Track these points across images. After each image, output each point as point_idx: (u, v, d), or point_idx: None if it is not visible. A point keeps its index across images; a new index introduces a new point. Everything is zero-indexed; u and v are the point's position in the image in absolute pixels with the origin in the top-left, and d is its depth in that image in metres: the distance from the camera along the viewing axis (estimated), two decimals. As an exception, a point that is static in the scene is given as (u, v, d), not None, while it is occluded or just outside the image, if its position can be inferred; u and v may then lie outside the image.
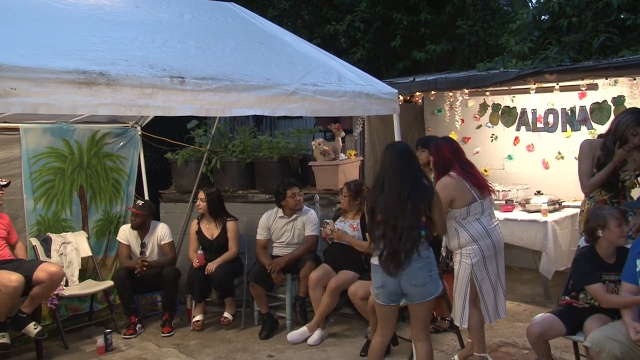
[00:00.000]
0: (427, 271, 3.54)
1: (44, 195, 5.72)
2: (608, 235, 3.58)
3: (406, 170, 3.57)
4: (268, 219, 5.60)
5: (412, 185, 3.54)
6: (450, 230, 4.10)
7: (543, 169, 6.89)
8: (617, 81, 6.07)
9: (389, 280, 3.56)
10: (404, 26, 9.33)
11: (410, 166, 3.60)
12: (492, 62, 7.35)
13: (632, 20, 6.65)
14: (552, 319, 3.72)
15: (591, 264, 3.66)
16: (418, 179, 3.60)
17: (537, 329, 3.68)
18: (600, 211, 3.72)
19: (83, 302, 5.93)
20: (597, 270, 3.63)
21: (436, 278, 3.60)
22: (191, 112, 3.24)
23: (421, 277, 3.51)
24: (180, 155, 6.59)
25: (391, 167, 3.60)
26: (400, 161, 3.59)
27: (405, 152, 3.64)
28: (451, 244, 4.15)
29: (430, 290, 3.56)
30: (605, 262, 3.64)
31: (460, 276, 4.07)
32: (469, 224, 4.03)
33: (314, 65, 4.13)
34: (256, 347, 5.07)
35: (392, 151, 3.65)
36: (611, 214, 3.61)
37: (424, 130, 7.80)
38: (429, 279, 3.54)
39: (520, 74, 6.01)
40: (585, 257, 3.74)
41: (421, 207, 3.53)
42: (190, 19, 4.29)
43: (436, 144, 4.18)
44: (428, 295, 3.56)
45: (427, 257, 3.55)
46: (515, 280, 6.67)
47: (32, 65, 2.70)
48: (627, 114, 4.28)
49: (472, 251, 4.01)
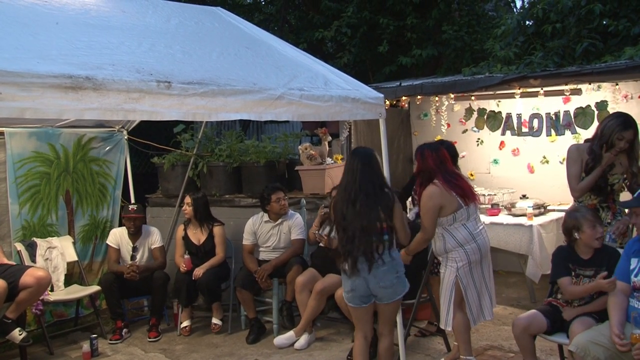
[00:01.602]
0: (394, 273, 3.69)
1: (29, 200, 5.68)
2: (582, 236, 3.71)
3: (366, 176, 3.67)
4: (254, 224, 5.60)
5: (369, 190, 3.65)
6: (436, 236, 4.14)
7: (528, 173, 6.95)
8: (600, 86, 6.15)
9: (358, 283, 3.69)
10: (390, 31, 9.38)
11: (371, 172, 3.70)
12: (477, 67, 7.41)
13: (614, 27, 6.75)
14: (535, 314, 3.82)
15: (567, 260, 3.80)
16: (378, 185, 3.71)
17: (522, 322, 3.79)
18: (575, 213, 3.86)
19: (69, 308, 5.89)
20: (573, 265, 3.76)
21: (403, 278, 3.76)
22: (178, 116, 3.23)
23: (389, 280, 3.68)
24: (166, 160, 6.57)
25: (352, 172, 3.71)
26: (362, 166, 3.70)
27: (368, 157, 3.75)
28: (437, 248, 4.19)
29: (397, 291, 3.75)
30: (580, 258, 3.76)
31: (446, 280, 4.12)
32: (455, 229, 4.07)
33: (300, 69, 4.14)
34: (243, 352, 5.07)
35: (356, 156, 3.78)
36: (584, 217, 3.73)
37: (410, 135, 7.84)
38: (397, 280, 3.71)
39: (505, 78, 6.07)
40: (562, 253, 3.89)
41: (378, 213, 3.64)
42: (176, 23, 4.29)
43: (422, 152, 4.17)
44: (396, 295, 3.76)
45: (392, 260, 3.69)
46: (501, 283, 6.71)
47: (18, 69, 2.68)
48: (612, 119, 4.33)
49: (457, 255, 4.06)
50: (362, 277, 3.66)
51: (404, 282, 3.78)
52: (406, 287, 3.80)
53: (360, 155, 3.78)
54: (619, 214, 4.40)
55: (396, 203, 3.74)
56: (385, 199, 3.69)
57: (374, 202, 3.64)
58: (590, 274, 3.72)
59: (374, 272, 3.64)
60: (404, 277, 3.77)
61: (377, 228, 3.64)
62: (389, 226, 3.68)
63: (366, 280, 3.67)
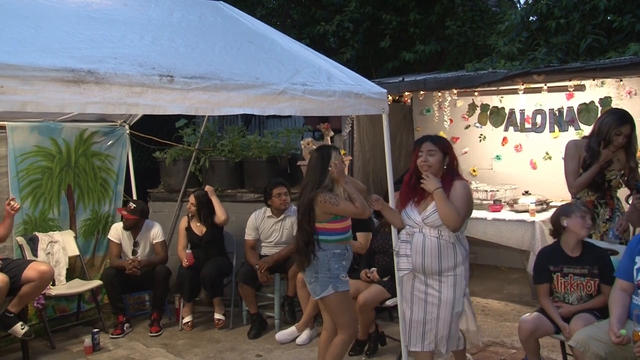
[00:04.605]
0: (314, 272, 3.77)
1: (30, 194, 5.67)
2: (570, 223, 3.70)
3: (317, 173, 3.80)
4: (256, 219, 5.59)
5: (309, 185, 3.82)
6: (444, 246, 3.47)
7: (531, 169, 6.93)
8: (604, 82, 6.12)
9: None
10: (393, 26, 9.34)
11: (320, 169, 3.82)
12: (480, 62, 7.38)
13: (618, 22, 6.71)
14: (541, 318, 3.78)
15: (548, 261, 3.81)
16: (318, 183, 3.79)
17: (529, 326, 3.73)
18: (567, 205, 3.94)
19: (70, 302, 5.89)
20: (559, 264, 3.77)
21: (323, 281, 3.74)
22: (180, 110, 3.22)
23: (308, 276, 3.83)
24: (168, 154, 6.57)
25: (309, 168, 3.89)
26: (313, 162, 3.86)
27: (326, 157, 3.84)
28: (444, 263, 3.47)
29: (315, 290, 3.81)
30: (568, 255, 3.76)
31: (458, 302, 3.51)
32: (463, 238, 3.58)
33: (303, 64, 4.12)
34: (245, 347, 5.07)
35: (317, 153, 3.91)
36: (577, 207, 3.80)
37: (412, 130, 7.83)
38: (314, 280, 3.77)
39: (508, 74, 6.04)
40: (545, 255, 3.89)
41: (305, 207, 3.77)
42: (179, 17, 4.26)
43: (446, 143, 3.61)
44: (314, 295, 3.84)
45: (315, 259, 3.74)
46: (502, 279, 6.71)
47: (20, 62, 2.66)
48: (609, 115, 4.34)
49: (464, 271, 3.51)
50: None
51: (322, 286, 3.74)
52: (324, 292, 3.73)
53: (321, 152, 3.90)
54: (617, 210, 4.40)
55: (317, 205, 3.74)
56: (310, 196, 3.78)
57: (310, 200, 3.76)
58: (581, 272, 3.73)
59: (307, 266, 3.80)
60: (324, 281, 3.74)
61: (309, 226, 3.75)
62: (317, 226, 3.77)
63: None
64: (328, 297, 3.76)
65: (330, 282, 3.73)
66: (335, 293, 3.74)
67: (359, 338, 4.73)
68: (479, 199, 6.38)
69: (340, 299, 3.78)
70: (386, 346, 4.79)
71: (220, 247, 5.82)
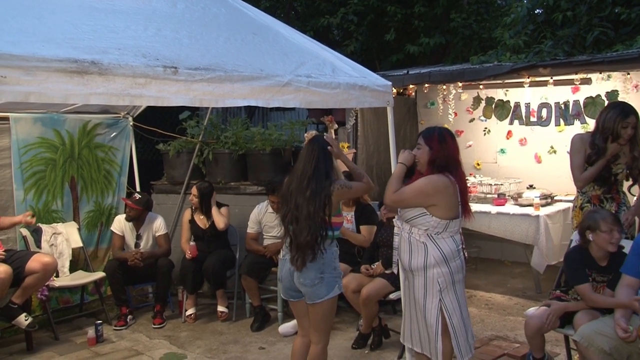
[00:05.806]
0: (319, 272, 3.37)
1: (34, 185, 5.66)
2: (596, 238, 3.56)
3: (314, 163, 3.42)
4: (259, 213, 5.59)
5: (316, 176, 3.39)
6: (415, 244, 3.38)
7: (535, 163, 6.90)
8: (611, 76, 6.09)
9: (285, 274, 3.52)
10: (397, 19, 9.31)
11: (325, 159, 3.46)
12: (485, 55, 7.35)
13: (626, 15, 6.66)
14: (547, 314, 3.71)
15: (583, 262, 3.65)
16: (326, 173, 3.43)
17: (535, 322, 3.67)
18: (594, 214, 3.69)
19: (74, 294, 5.89)
20: (590, 270, 3.63)
21: (330, 280, 3.40)
22: (184, 102, 3.20)
23: (309, 278, 3.38)
24: (172, 147, 6.55)
25: (302, 158, 3.49)
26: (316, 153, 3.45)
27: (323, 147, 3.49)
28: (413, 261, 3.38)
29: (319, 293, 3.39)
30: (597, 264, 3.64)
31: (428, 306, 3.35)
32: (442, 239, 3.34)
33: (307, 56, 4.09)
34: (247, 339, 5.06)
35: (313, 144, 3.52)
36: (603, 219, 3.56)
37: (417, 123, 7.80)
38: (319, 281, 3.38)
39: (514, 67, 6.00)
40: (578, 255, 3.72)
41: (321, 199, 3.34)
42: (183, 8, 4.23)
43: (442, 135, 3.42)
44: (317, 298, 3.40)
45: (322, 257, 3.37)
46: (506, 273, 6.70)
47: (23, 53, 2.64)
48: (610, 110, 4.30)
49: (439, 274, 3.32)
50: (289, 267, 3.45)
51: (329, 286, 3.40)
52: (330, 293, 3.40)
53: (320, 142, 3.53)
54: (623, 205, 4.37)
55: (333, 196, 3.40)
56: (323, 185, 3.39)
57: (316, 188, 3.36)
58: (603, 280, 3.62)
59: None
60: (330, 281, 3.40)
61: (320, 218, 3.33)
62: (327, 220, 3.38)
63: (291, 272, 3.46)
64: (327, 300, 3.42)
65: (337, 282, 3.45)
66: (335, 295, 3.47)
67: (363, 331, 4.73)
68: (483, 192, 6.36)
69: (335, 302, 3.52)
70: (390, 339, 4.78)
71: (224, 239, 5.81)
